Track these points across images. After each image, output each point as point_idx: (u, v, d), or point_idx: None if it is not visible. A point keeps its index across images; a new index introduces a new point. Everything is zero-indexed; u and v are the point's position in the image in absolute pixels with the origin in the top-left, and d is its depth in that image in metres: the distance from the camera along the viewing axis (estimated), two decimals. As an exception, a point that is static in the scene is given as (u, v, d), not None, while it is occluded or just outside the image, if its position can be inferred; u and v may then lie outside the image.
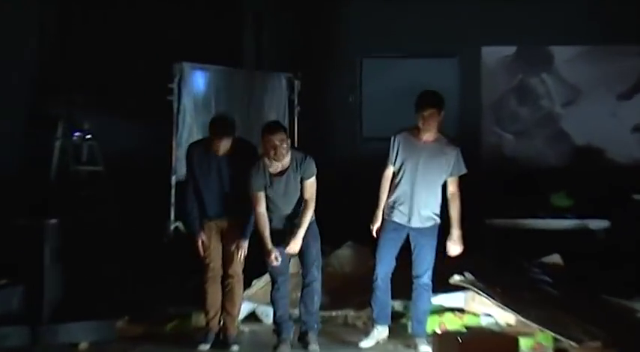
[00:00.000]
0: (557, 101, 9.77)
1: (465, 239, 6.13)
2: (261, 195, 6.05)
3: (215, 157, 6.25)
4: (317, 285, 6.21)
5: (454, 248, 6.22)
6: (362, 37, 9.70)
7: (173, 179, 8.49)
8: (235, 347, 6.34)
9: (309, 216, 6.07)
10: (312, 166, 6.08)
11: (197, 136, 8.36)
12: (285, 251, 6.06)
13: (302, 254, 6.21)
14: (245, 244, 6.30)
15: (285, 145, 5.96)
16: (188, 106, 8.60)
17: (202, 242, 6.32)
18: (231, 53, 9.35)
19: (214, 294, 6.42)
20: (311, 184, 6.07)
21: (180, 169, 8.32)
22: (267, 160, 6.04)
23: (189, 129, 8.61)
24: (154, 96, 8.63)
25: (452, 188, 6.21)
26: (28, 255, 6.48)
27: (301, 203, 6.09)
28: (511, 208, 8.46)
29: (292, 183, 6.08)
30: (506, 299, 6.67)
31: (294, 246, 6.05)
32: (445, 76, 9.62)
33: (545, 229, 8.54)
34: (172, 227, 8.50)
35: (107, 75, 9.33)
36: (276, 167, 6.04)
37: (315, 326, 6.27)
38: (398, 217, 6.20)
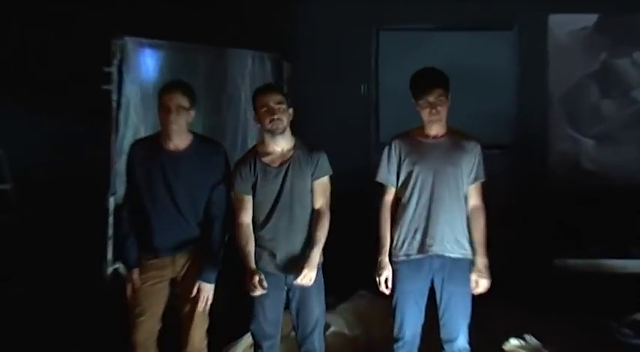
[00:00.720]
0: (655, 92, 9.62)
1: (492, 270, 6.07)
2: (247, 200, 6.00)
3: (167, 160, 6.13)
4: None
5: (481, 282, 6.09)
6: (377, 3, 9.74)
7: (111, 201, 8.36)
8: None
9: (324, 231, 5.98)
10: (325, 160, 6.07)
11: None
12: (296, 282, 5.90)
13: (299, 311, 6.13)
14: (209, 290, 6.15)
15: (283, 109, 6.01)
16: (133, 98, 8.53)
17: (133, 284, 6.20)
18: (194, 25, 9.35)
19: None
20: (325, 186, 6.04)
21: (120, 187, 8.10)
22: (258, 147, 6.09)
23: (135, 130, 8.51)
24: (84, 85, 8.64)
25: (474, 200, 6.16)
26: None
27: (307, 216, 6.02)
28: (591, 243, 8.44)
29: (296, 181, 6.04)
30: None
31: (310, 272, 5.87)
32: (497, 56, 9.77)
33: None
34: (110, 269, 8.34)
35: (18, 58, 9.41)
36: (272, 154, 6.04)
37: None
38: (415, 252, 6.11)
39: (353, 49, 9.78)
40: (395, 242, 6.11)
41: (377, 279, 6.10)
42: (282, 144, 6.01)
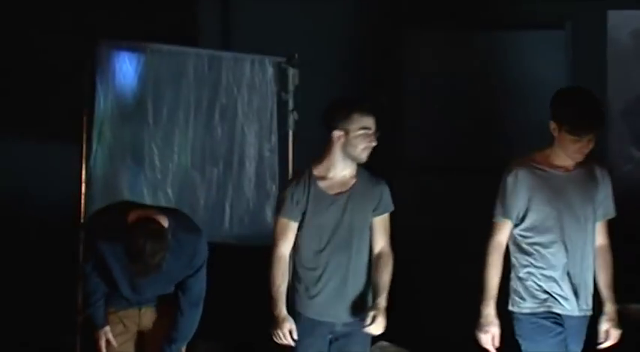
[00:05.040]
0: None
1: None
2: (293, 228, 5.65)
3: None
4: None
5: (613, 333, 5.71)
6: None
7: (81, 236, 7.56)
8: None
9: (390, 274, 5.72)
10: (389, 194, 5.83)
11: (123, 162, 7.93)
12: (368, 329, 5.59)
13: None
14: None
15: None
16: (109, 112, 7.76)
17: (107, 341, 5.95)
18: (182, 25, 8.92)
19: None
20: (387, 223, 5.77)
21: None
22: (314, 169, 5.72)
23: (109, 151, 7.79)
24: (51, 97, 8.45)
25: (601, 238, 5.82)
26: None
27: (367, 256, 5.73)
28: None
29: (357, 214, 5.71)
30: None
31: (383, 320, 5.57)
32: (547, 59, 9.01)
33: None
34: (79, 320, 7.61)
35: None
36: (331, 179, 5.74)
37: None
38: (556, 305, 5.69)
39: (371, 50, 9.01)
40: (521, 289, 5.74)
41: (481, 335, 5.68)
42: (346, 171, 5.64)
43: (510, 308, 5.68)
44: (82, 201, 7.56)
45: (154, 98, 7.94)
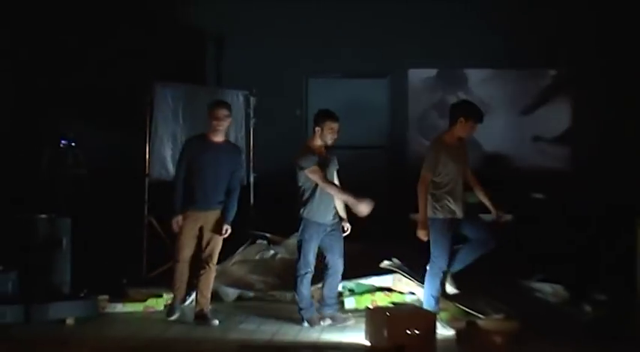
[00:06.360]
0: (471, 115, 9.68)
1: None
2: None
3: (213, 148, 6.28)
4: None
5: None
6: (308, 59, 9.51)
7: (146, 180, 8.44)
8: (216, 322, 6.32)
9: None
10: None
11: (167, 144, 8.52)
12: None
13: (333, 245, 6.33)
14: (229, 228, 6.37)
15: None
16: (159, 119, 8.54)
17: (177, 223, 6.27)
18: (195, 73, 9.29)
19: (183, 275, 6.45)
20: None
21: (153, 172, 8.40)
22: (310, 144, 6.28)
23: (160, 138, 8.58)
24: (130, 110, 8.64)
25: (468, 174, 6.54)
26: (22, 245, 6.57)
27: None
28: None
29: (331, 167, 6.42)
30: (427, 280, 6.56)
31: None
32: (378, 94, 9.63)
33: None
34: (146, 222, 8.45)
35: (90, 93, 9.24)
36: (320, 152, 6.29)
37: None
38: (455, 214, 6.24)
39: (292, 88, 9.58)
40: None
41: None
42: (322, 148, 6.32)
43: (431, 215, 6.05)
44: (147, 163, 8.39)
45: (182, 112, 8.59)
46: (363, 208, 6.06)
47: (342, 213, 6.36)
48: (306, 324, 6.24)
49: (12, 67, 9.06)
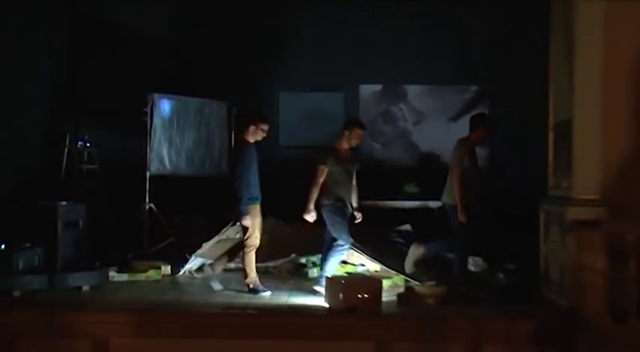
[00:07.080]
0: (409, 122, 9.55)
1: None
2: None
3: (254, 150, 6.10)
4: None
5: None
6: (279, 76, 9.27)
7: (147, 174, 8.35)
8: (267, 293, 6.12)
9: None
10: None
11: (164, 144, 8.42)
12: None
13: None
14: None
15: None
16: (157, 124, 8.42)
17: (249, 220, 6.01)
18: (187, 86, 8.92)
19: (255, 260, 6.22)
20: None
21: (152, 167, 8.31)
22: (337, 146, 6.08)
23: (159, 140, 8.51)
24: (134, 117, 8.41)
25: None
26: (46, 226, 6.52)
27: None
28: (378, 193, 8.15)
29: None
30: (375, 255, 6.85)
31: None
32: (335, 105, 9.49)
33: (400, 208, 8.40)
34: (147, 207, 8.35)
35: (101, 100, 9.00)
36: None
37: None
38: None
39: (267, 100, 9.28)
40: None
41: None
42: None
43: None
44: (147, 161, 8.28)
45: (177, 119, 8.54)
46: (307, 217, 6.03)
47: (355, 203, 6.21)
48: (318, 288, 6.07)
49: (48, 84, 8.89)
